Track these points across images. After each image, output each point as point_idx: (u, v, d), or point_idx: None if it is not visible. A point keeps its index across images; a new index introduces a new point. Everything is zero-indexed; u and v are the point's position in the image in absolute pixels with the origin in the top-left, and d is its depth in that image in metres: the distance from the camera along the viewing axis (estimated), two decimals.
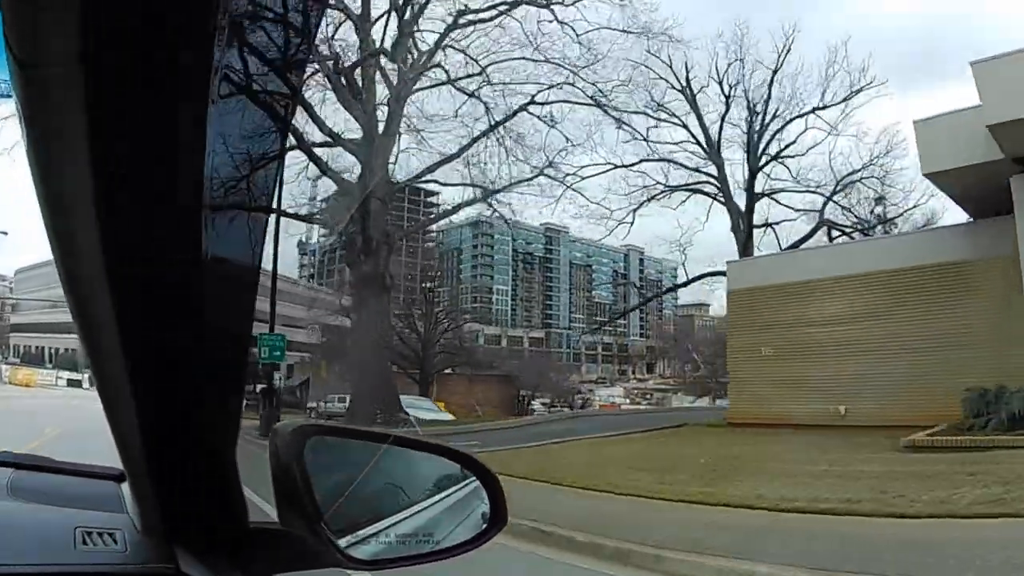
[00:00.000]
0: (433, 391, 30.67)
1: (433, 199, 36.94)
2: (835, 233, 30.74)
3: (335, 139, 25.44)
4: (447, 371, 32.02)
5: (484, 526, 1.09)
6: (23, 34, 0.64)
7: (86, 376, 34.95)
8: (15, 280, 43.30)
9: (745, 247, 30.49)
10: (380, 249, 25.89)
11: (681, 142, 31.87)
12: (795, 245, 29.80)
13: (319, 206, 30.67)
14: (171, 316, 0.83)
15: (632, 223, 32.00)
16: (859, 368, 17.77)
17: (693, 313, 43.69)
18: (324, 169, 25.84)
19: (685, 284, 34.34)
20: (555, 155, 29.25)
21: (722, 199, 31.69)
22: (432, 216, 32.11)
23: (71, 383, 36.29)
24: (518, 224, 33.42)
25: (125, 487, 1.20)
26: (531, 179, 28.80)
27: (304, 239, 39.53)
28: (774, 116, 31.46)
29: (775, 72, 30.70)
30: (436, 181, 29.41)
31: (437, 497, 1.11)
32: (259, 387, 20.63)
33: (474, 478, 1.10)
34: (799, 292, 19.82)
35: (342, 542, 1.01)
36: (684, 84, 31.21)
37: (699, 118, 31.73)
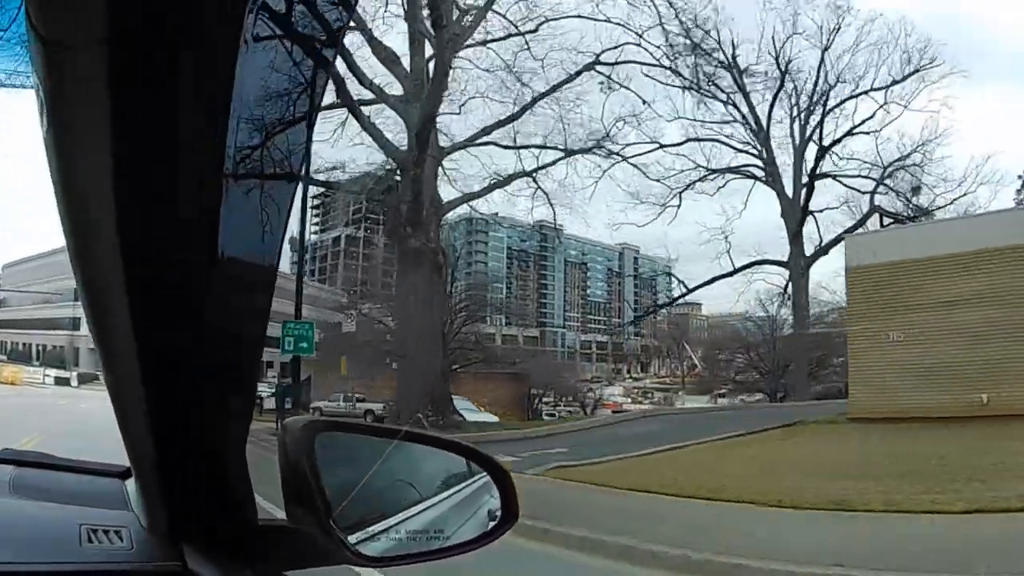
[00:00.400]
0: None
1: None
2: (887, 221, 30.04)
3: (378, 94, 22.88)
4: (455, 368, 31.61)
5: (495, 522, 1.10)
6: (47, 10, 0.65)
7: (74, 374, 34.71)
8: (2, 275, 43.18)
9: (797, 233, 29.67)
10: (430, 220, 23.02)
11: (729, 121, 30.77)
12: (850, 230, 28.73)
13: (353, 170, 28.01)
14: (183, 316, 0.84)
15: (679, 206, 30.83)
16: (1000, 352, 16.39)
17: (687, 312, 43.71)
18: (367, 126, 22.99)
19: (730, 274, 32.37)
20: (612, 125, 27.38)
21: (767, 181, 30.71)
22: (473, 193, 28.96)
23: (59, 381, 35.34)
24: (512, 220, 32.56)
25: (129, 484, 1.21)
26: (589, 150, 27.16)
27: (296, 234, 39.11)
28: (824, 96, 30.31)
29: (826, 50, 29.60)
30: (495, 143, 26.64)
31: (448, 493, 1.12)
32: (274, 384, 19.20)
33: (485, 474, 1.12)
34: (929, 268, 18.06)
35: (352, 539, 1.02)
36: (730, 60, 30.04)
37: (746, 96, 30.58)
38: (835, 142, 30.80)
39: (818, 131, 30.93)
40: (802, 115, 30.75)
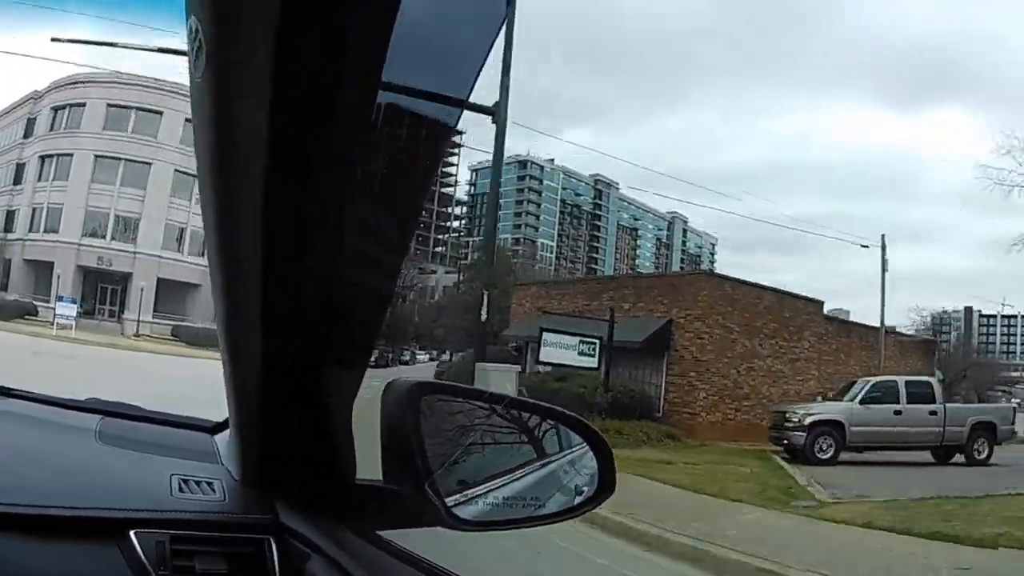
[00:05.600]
0: None
1: (456, 139, 35.36)
2: None
3: None
4: None
5: (591, 494, 1.22)
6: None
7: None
8: None
9: None
10: None
11: None
12: None
13: None
14: (317, 270, 0.94)
15: None
16: None
17: None
18: None
19: None
20: None
21: None
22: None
23: None
24: (567, 171, 31.31)
25: (219, 439, 1.33)
26: None
27: None
28: None
29: None
30: None
31: (546, 461, 1.23)
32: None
33: (585, 444, 1.23)
34: None
35: (448, 501, 1.13)
36: None
37: None
38: None
39: None
40: None
